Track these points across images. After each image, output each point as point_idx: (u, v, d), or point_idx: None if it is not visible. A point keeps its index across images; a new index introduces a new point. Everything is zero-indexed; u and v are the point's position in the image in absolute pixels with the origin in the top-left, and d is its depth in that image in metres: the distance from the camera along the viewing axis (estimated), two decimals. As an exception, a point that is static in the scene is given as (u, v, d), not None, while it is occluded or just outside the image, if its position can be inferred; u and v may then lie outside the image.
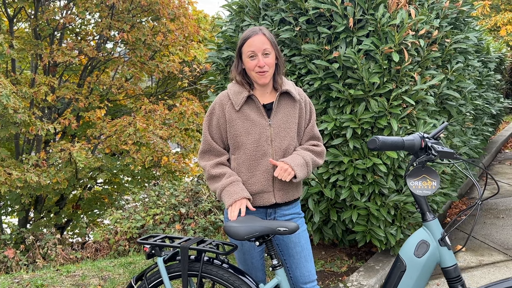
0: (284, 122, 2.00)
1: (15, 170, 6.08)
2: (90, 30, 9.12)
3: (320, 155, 2.05)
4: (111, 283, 3.13)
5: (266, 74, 1.95)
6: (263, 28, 1.99)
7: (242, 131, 1.98)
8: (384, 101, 2.80)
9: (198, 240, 1.94)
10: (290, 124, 2.00)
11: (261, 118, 1.99)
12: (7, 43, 6.15)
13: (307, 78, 2.98)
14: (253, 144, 1.97)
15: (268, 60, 1.94)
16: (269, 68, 1.95)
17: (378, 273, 3.05)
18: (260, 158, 1.97)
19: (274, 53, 1.97)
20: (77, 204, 9.48)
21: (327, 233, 3.22)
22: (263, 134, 1.98)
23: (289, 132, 2.00)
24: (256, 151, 1.97)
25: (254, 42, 1.94)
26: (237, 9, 3.57)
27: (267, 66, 1.94)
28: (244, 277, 1.87)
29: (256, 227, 1.76)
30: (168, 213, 5.48)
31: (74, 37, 9.18)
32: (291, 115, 2.01)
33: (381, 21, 2.80)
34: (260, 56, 1.93)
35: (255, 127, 1.98)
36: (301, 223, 2.06)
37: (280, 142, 1.98)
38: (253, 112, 2.00)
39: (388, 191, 2.92)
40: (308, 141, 2.07)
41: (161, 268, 1.89)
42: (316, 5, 2.91)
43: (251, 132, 1.98)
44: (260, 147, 1.97)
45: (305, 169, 1.94)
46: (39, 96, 6.51)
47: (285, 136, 1.99)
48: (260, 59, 1.93)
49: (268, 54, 1.94)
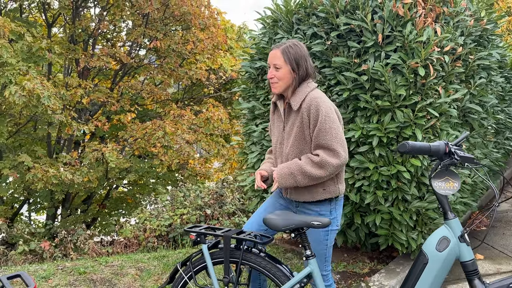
0: (290, 129, 2.23)
1: (51, 168, 6.43)
2: (121, 36, 9.52)
3: (316, 165, 2.08)
4: (147, 273, 3.37)
5: (276, 85, 2.20)
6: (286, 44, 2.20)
7: (272, 133, 2.40)
8: (410, 112, 2.98)
9: (238, 231, 2.16)
10: (293, 131, 2.21)
11: (280, 122, 2.31)
12: (47, 48, 6.55)
13: (336, 88, 3.19)
14: (274, 145, 2.35)
15: (278, 73, 2.18)
16: (278, 80, 2.19)
17: (398, 275, 3.22)
18: (278, 157, 2.32)
19: (287, 68, 2.17)
20: (103, 203, 9.84)
21: (351, 235, 3.40)
22: (280, 136, 2.31)
23: (291, 138, 2.21)
24: (276, 151, 2.34)
25: (270, 55, 2.22)
26: (271, 23, 3.81)
27: (276, 78, 2.18)
28: (279, 265, 2.07)
29: (292, 220, 1.98)
30: (194, 213, 5.72)
31: (105, 42, 9.60)
32: (294, 124, 2.21)
33: (409, 38, 2.99)
34: (272, 68, 2.20)
35: (277, 131, 2.34)
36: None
37: (286, 146, 2.25)
38: (278, 117, 2.34)
39: (411, 198, 3.09)
40: (315, 149, 2.14)
41: (206, 254, 2.11)
42: (347, 21, 3.13)
43: (274, 134, 2.36)
44: (278, 148, 2.32)
45: (291, 179, 2.12)
46: (75, 99, 6.88)
47: (288, 142, 2.24)
48: (270, 72, 2.20)
49: (279, 69, 2.18)
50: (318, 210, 2.22)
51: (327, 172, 2.08)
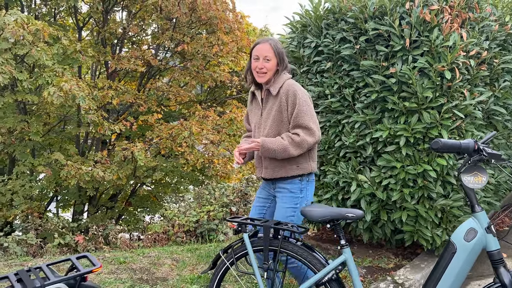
0: (268, 113, 2.54)
1: (83, 165, 6.72)
2: (146, 39, 9.82)
3: (297, 145, 2.40)
4: (183, 263, 3.57)
5: (264, 75, 2.50)
6: (272, 39, 2.53)
7: (251, 120, 2.71)
8: (436, 114, 3.12)
9: (276, 222, 2.34)
10: (271, 115, 2.52)
11: (258, 109, 2.63)
12: (81, 50, 6.85)
13: (364, 90, 3.35)
14: (254, 130, 2.67)
15: (268, 64, 2.47)
16: (267, 70, 2.48)
17: (423, 270, 3.34)
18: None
19: (275, 60, 2.48)
20: (128, 201, 10.15)
21: (377, 232, 3.54)
22: (257, 122, 2.61)
23: (269, 121, 2.52)
24: (254, 135, 2.64)
25: (259, 49, 2.49)
26: (300, 28, 3.98)
27: (265, 68, 2.47)
28: (314, 253, 2.24)
29: (328, 212, 2.14)
30: (220, 210, 5.92)
31: (130, 45, 9.91)
32: (272, 108, 2.52)
33: (435, 42, 3.13)
34: (262, 60, 2.47)
35: (255, 117, 2.65)
36: (286, 201, 2.50)
37: (264, 129, 2.55)
38: (256, 105, 2.66)
39: (436, 196, 3.21)
40: (293, 129, 2.46)
41: (247, 242, 2.29)
42: (376, 26, 3.28)
43: (253, 120, 2.67)
44: (256, 132, 2.62)
45: (271, 153, 2.42)
46: (106, 99, 7.17)
47: (266, 124, 2.54)
48: (260, 63, 2.47)
49: (269, 60, 2.46)
50: (289, 188, 2.51)
51: (303, 150, 2.43)
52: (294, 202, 2.51)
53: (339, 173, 3.52)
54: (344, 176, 3.46)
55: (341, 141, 3.55)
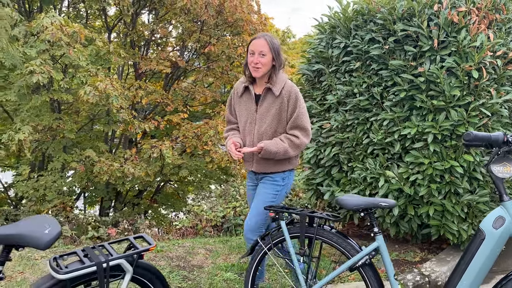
0: (266, 111, 2.60)
1: (115, 162, 6.99)
2: (171, 41, 10.08)
3: (296, 147, 2.55)
4: (216, 253, 3.76)
5: (259, 70, 2.56)
6: (268, 35, 2.58)
7: (239, 113, 2.72)
8: (463, 112, 3.23)
9: (311, 211, 2.49)
10: (270, 113, 2.58)
11: (251, 104, 2.65)
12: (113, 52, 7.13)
13: (393, 89, 3.48)
14: (243, 124, 2.69)
15: (263, 59, 2.51)
16: (262, 66, 2.52)
17: (449, 263, 3.45)
18: (247, 134, 2.69)
19: (270, 56, 2.53)
20: (153, 198, 10.43)
21: (404, 226, 3.66)
22: (250, 117, 2.65)
23: (268, 119, 2.60)
24: (244, 129, 2.68)
25: (254, 44, 2.54)
26: (328, 29, 4.13)
27: (260, 63, 2.52)
28: (348, 239, 2.39)
29: (362, 201, 2.29)
30: (246, 206, 6.10)
31: (155, 47, 10.19)
32: (272, 106, 2.58)
33: (463, 43, 3.24)
34: (257, 55, 2.52)
35: (246, 111, 2.66)
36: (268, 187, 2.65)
37: (260, 125, 2.61)
38: (247, 99, 2.67)
39: (463, 191, 3.32)
40: (291, 129, 2.58)
41: (284, 229, 2.45)
42: (404, 27, 3.41)
43: (243, 114, 2.69)
44: (247, 126, 2.66)
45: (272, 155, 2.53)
46: (136, 99, 7.43)
47: (264, 122, 2.61)
48: (255, 58, 2.52)
49: (264, 55, 2.51)
50: (273, 177, 2.65)
51: (301, 150, 2.61)
52: (275, 189, 2.68)
53: (367, 169, 3.65)
54: (372, 172, 3.59)
55: (369, 138, 3.68)
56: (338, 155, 3.91)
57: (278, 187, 2.69)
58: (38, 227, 1.69)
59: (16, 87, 6.29)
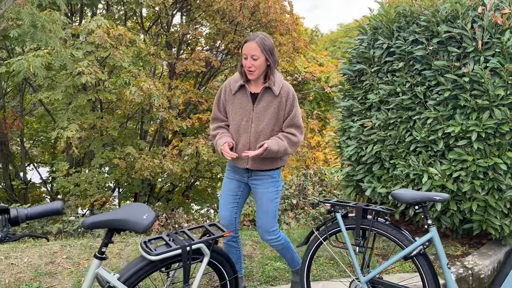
0: (264, 110, 2.61)
1: (154, 158, 7.28)
2: (200, 42, 10.32)
3: (294, 144, 2.62)
4: (262, 245, 3.96)
5: (254, 73, 2.54)
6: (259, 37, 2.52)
7: (232, 111, 2.68)
8: (507, 110, 3.33)
9: (366, 204, 2.66)
10: (268, 111, 2.61)
11: (247, 103, 2.63)
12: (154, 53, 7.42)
13: (437, 88, 3.60)
14: (238, 122, 2.66)
15: (256, 63, 2.51)
16: (255, 69, 2.53)
17: (491, 257, 3.56)
18: (242, 133, 2.65)
19: (263, 57, 2.52)
20: (185, 194, 10.74)
21: (445, 221, 3.78)
22: (246, 116, 2.63)
23: (266, 118, 2.61)
24: (239, 127, 2.65)
25: (247, 47, 2.52)
26: (370, 30, 4.27)
27: (254, 67, 2.52)
28: (402, 231, 2.54)
29: (417, 195, 2.44)
30: (281, 202, 6.28)
31: (185, 47, 10.46)
32: (270, 105, 2.61)
33: (507, 44, 3.34)
34: (249, 59, 2.52)
35: (241, 110, 2.64)
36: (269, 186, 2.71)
37: (257, 124, 2.62)
38: (243, 98, 2.64)
39: (506, 187, 3.42)
40: (288, 128, 2.64)
41: (340, 221, 2.62)
42: (448, 29, 3.53)
43: (238, 113, 2.65)
44: (243, 125, 2.64)
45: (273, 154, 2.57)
46: (174, 98, 7.71)
47: (262, 120, 2.61)
48: (248, 62, 2.52)
49: (256, 59, 2.51)
50: (270, 174, 2.71)
51: (297, 147, 2.68)
52: (276, 186, 2.77)
53: (410, 166, 3.79)
54: (415, 168, 3.73)
55: (411, 136, 3.82)
56: (380, 152, 4.06)
57: (277, 182, 2.79)
58: (138, 213, 1.92)
59: (62, 87, 6.64)
